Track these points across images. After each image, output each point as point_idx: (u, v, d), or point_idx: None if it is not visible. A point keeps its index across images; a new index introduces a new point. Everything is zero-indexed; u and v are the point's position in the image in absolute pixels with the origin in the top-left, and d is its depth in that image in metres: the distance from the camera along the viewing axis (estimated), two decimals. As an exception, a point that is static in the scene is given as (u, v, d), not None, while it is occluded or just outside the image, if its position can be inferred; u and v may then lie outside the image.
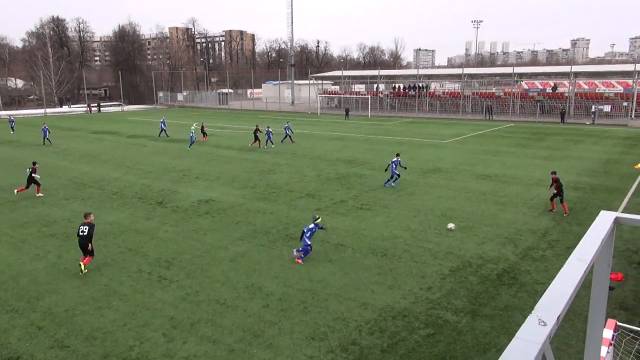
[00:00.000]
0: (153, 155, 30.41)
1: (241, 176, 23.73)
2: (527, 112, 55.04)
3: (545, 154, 29.42)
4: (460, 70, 64.60)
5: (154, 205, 18.61)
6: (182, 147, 33.98)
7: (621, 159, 27.19)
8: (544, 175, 23.15)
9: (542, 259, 12.88)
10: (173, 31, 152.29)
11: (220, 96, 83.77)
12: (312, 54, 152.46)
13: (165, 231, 15.46)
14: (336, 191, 20.43)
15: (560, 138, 36.30)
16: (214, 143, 35.89)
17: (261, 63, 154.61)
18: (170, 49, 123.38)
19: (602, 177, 22.77)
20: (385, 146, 33.28)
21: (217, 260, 13.00)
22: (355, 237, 14.62)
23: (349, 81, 75.69)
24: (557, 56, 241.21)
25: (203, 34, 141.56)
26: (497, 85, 76.58)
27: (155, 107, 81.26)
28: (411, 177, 23.13)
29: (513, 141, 34.70)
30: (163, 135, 39.37)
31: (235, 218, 16.73)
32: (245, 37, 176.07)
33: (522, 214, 16.93)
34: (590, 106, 50.45)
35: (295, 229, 15.40)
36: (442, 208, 17.67)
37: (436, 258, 12.96)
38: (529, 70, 72.87)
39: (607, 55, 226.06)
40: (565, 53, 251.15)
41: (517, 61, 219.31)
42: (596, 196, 19.25)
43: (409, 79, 72.43)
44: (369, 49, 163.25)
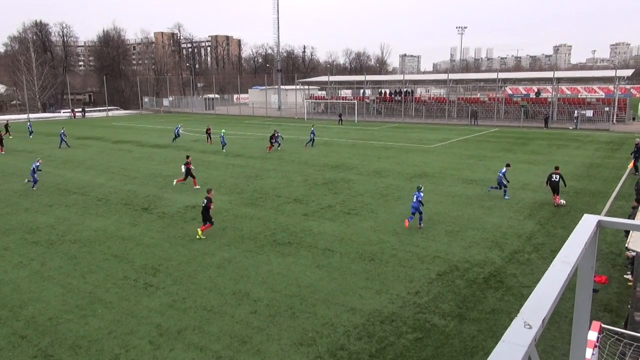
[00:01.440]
0: (139, 161, 30.15)
1: (228, 181, 23.62)
2: (511, 117, 55.71)
3: (529, 158, 29.79)
4: (446, 76, 65.25)
5: (139, 211, 18.43)
6: (169, 152, 33.77)
7: (604, 163, 27.65)
8: (529, 179, 23.44)
9: (527, 262, 13.03)
10: (158, 36, 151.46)
11: (207, 101, 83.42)
12: (298, 59, 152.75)
13: (151, 237, 15.32)
14: (324, 196, 20.44)
15: (544, 143, 36.80)
16: (200, 148, 35.71)
17: (247, 68, 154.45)
18: (155, 54, 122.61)
19: (586, 181, 23.13)
20: (372, 151, 33.42)
21: (204, 266, 12.91)
22: (343, 242, 14.63)
23: (336, 86, 75.95)
24: (540, 62, 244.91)
25: (189, 39, 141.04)
26: (481, 90, 77.46)
27: (141, 113, 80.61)
28: (398, 181, 23.25)
29: (498, 146, 35.10)
30: (175, 140, 39.70)
31: (222, 224, 16.64)
32: (232, 42, 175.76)
33: (508, 217, 17.11)
34: (573, 111, 51.25)
35: (283, 234, 15.37)
36: (429, 212, 17.77)
37: (423, 262, 13.03)
38: (513, 76, 73.88)
39: (589, 61, 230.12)
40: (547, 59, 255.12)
41: (501, 67, 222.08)
42: (580, 200, 19.54)
43: (395, 84, 72.94)
44: (355, 55, 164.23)
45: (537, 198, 19.80)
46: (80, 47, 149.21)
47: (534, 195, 20.35)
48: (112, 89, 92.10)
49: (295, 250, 14.04)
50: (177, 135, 39.81)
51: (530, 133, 43.79)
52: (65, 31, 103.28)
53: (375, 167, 27.17)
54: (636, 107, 57.82)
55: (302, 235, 15.37)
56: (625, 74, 54.90)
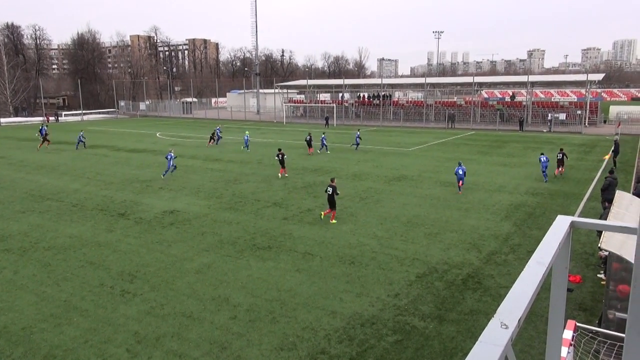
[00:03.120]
0: (115, 166, 29.66)
1: (206, 186, 23.42)
2: (487, 120, 56.64)
3: (505, 160, 30.31)
4: (423, 80, 66.01)
5: (116, 217, 18.13)
6: (145, 157, 33.31)
7: (577, 165, 28.31)
8: (505, 181, 23.84)
9: (504, 263, 13.23)
10: (134, 39, 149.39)
11: (184, 105, 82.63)
12: (277, 63, 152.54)
13: (128, 243, 15.08)
14: (303, 200, 20.43)
15: (520, 145, 37.49)
16: (178, 153, 35.28)
17: (225, 72, 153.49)
18: (131, 57, 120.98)
19: (560, 182, 23.64)
20: (351, 154, 33.54)
21: (183, 272, 12.76)
22: (322, 246, 14.64)
23: (314, 90, 76.08)
24: (514, 66, 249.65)
25: (166, 42, 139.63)
26: (458, 94, 78.59)
27: (117, 117, 79.36)
28: (377, 184, 23.38)
29: (474, 149, 35.61)
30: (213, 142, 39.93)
31: (201, 229, 16.48)
32: (209, 45, 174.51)
33: (485, 219, 17.36)
34: (547, 114, 52.38)
35: (262, 239, 15.30)
36: (408, 215, 17.92)
37: (403, 265, 13.12)
38: (489, 80, 75.11)
39: (561, 66, 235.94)
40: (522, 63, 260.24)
41: (477, 71, 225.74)
42: (554, 201, 19.96)
43: (373, 88, 73.42)
44: (333, 59, 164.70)
45: (513, 200, 20.15)
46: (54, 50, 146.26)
47: (510, 197, 20.70)
48: (87, 92, 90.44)
49: (275, 254, 13.99)
50: (219, 137, 40.61)
51: (506, 136, 44.57)
52: (38, 34, 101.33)
53: (354, 170, 27.28)
54: (607, 111, 59.39)
55: (282, 239, 15.32)
56: (596, 78, 56.43)
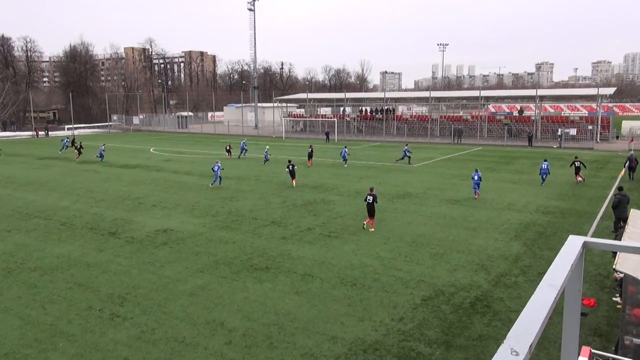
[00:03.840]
0: (106, 182, 29.69)
1: (202, 203, 23.41)
2: (494, 135, 56.87)
3: (514, 177, 30.33)
4: (428, 93, 66.45)
5: (106, 236, 18.08)
6: (138, 173, 33.37)
7: (589, 182, 28.31)
8: (514, 199, 23.82)
9: (514, 285, 13.14)
10: (129, 51, 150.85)
11: (180, 119, 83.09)
12: (276, 75, 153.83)
13: (118, 264, 15.01)
14: (303, 218, 20.39)
15: (529, 162, 37.56)
16: (172, 169, 35.40)
17: (223, 85, 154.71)
18: (125, 69, 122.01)
19: (571, 200, 23.62)
20: (353, 171, 33.59)
21: (176, 294, 12.67)
22: (323, 267, 14.56)
23: (315, 104, 76.59)
24: (522, 80, 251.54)
25: (161, 54, 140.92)
26: (464, 108, 79.05)
27: (109, 131, 79.71)
28: (380, 202, 23.33)
29: (482, 165, 35.66)
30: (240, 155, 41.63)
31: (195, 248, 16.42)
32: (206, 58, 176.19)
33: (494, 239, 17.30)
34: (557, 130, 52.61)
35: (260, 259, 15.22)
36: (413, 234, 17.86)
37: (407, 287, 13.03)
38: (496, 94, 75.73)
39: (571, 79, 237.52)
40: (530, 77, 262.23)
41: (483, 84, 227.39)
42: (566, 220, 19.91)
43: (376, 101, 73.93)
44: (334, 72, 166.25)
45: (523, 219, 20.11)
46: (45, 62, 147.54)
47: (520, 215, 20.66)
48: (79, 106, 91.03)
49: (273, 275, 13.91)
50: (244, 149, 41.83)
51: (515, 152, 44.69)
52: (30, 45, 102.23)
53: (356, 187, 27.29)
54: (619, 126, 59.66)
55: (280, 259, 15.25)
56: (608, 92, 56.83)
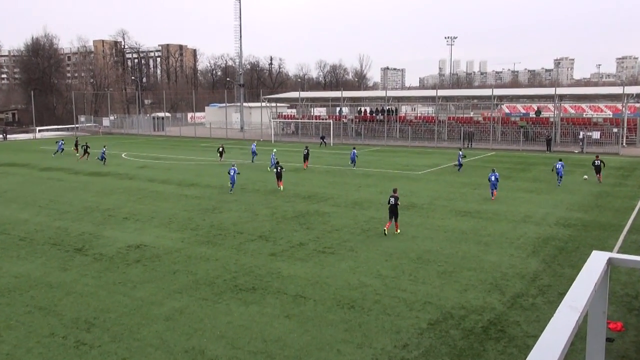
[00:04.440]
0: (72, 192, 29.57)
1: (180, 216, 23.34)
2: (509, 139, 57.16)
3: (531, 186, 30.46)
4: (434, 92, 66.79)
5: (71, 252, 17.97)
6: (108, 181, 33.25)
7: (614, 192, 28.48)
8: (531, 210, 23.90)
9: (532, 307, 13.15)
10: (98, 45, 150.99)
11: (156, 121, 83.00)
12: (264, 72, 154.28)
13: (85, 284, 14.90)
14: (294, 232, 20.37)
15: (547, 168, 37.70)
16: (147, 176, 35.30)
17: (204, 83, 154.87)
18: (94, 65, 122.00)
19: (595, 212, 23.73)
20: (351, 179, 33.63)
21: (150, 318, 12.58)
22: (317, 287, 14.53)
23: (308, 104, 76.75)
24: (539, 77, 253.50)
25: (135, 48, 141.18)
26: (475, 109, 79.44)
27: (76, 134, 79.50)
28: (381, 214, 23.37)
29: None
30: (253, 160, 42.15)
31: (173, 266, 16.34)
32: (186, 52, 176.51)
33: (509, 255, 17.33)
34: (578, 132, 52.94)
35: (245, 279, 15.17)
36: (418, 250, 17.87)
37: (412, 309, 13.01)
38: (510, 93, 76.22)
39: (594, 77, 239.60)
40: (548, 74, 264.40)
41: (496, 82, 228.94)
42: (589, 234, 19.99)
43: (377, 101, 74.18)
44: (330, 68, 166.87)
45: (541, 232, 20.18)
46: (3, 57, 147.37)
47: (538, 229, 20.73)
48: (42, 106, 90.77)
49: (261, 297, 13.86)
50: (254, 153, 42.94)
51: (531, 157, 44.93)
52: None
53: (355, 197, 27.30)
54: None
55: (269, 279, 15.21)
56: (635, 91, 57.24)
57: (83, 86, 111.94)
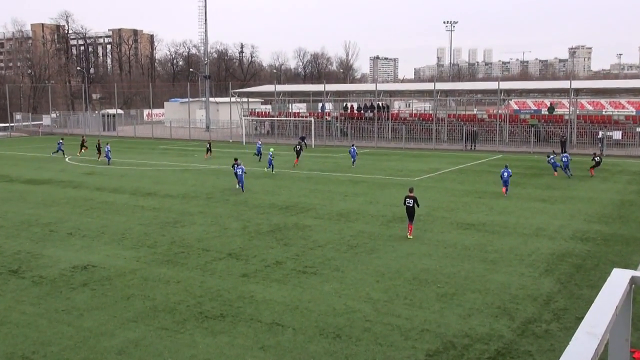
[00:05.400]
0: (6, 203, 29.21)
1: (135, 230, 23.17)
2: (518, 139, 57.73)
3: (543, 194, 30.76)
4: (432, 85, 67.16)
5: (5, 275, 17.74)
6: (49, 190, 32.89)
7: (639, 200, 28.90)
8: (544, 222, 24.13)
9: (546, 335, 13.26)
10: (37, 29, 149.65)
11: (106, 119, 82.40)
12: (234, 62, 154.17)
13: (22, 312, 14.71)
14: (269, 249, 20.32)
15: (562, 174, 38.14)
16: (95, 184, 34.98)
17: (163, 74, 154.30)
18: (33, 53, 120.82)
19: (617, 223, 24.06)
20: (335, 186, 33.66)
21: (100, 352, 12.46)
22: (296, 313, 14.50)
23: (285, 99, 76.84)
24: (552, 68, 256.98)
25: (81, 33, 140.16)
26: (479, 105, 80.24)
27: (10, 135, 78.52)
28: (370, 227, 23.43)
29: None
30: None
31: (126, 291, 16.20)
32: (141, 38, 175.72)
33: (519, 274, 17.46)
34: (597, 132, 53.65)
35: (212, 304, 15.08)
36: (414, 269, 17.92)
37: (408, 339, 13.04)
38: (519, 86, 76.98)
39: (614, 68, 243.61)
40: (562, 64, 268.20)
41: (503, 74, 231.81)
42: (610, 249, 20.25)
43: (365, 96, 74.66)
44: (310, 57, 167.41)
45: (556, 247, 20.38)
46: None
47: (552, 243, 20.93)
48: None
49: (231, 325, 13.80)
50: (259, 152, 45.21)
51: (544, 161, 45.31)
52: None
53: (340, 208, 27.35)
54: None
55: (240, 304, 15.14)
56: (660, 85, 58.33)
57: (19, 78, 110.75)
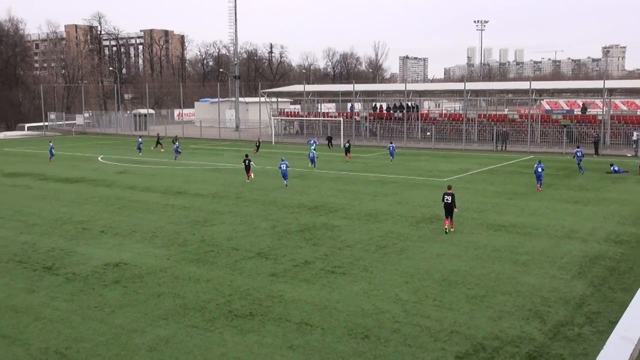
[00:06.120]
0: (40, 201, 29.74)
1: (165, 229, 23.42)
2: (550, 140, 57.02)
3: (576, 195, 30.33)
4: (462, 85, 66.74)
5: (40, 271, 18.06)
6: (82, 189, 33.41)
7: (674, 202, 28.31)
8: (577, 224, 23.79)
9: (578, 338, 13.08)
10: (71, 30, 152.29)
11: (137, 119, 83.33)
12: (263, 62, 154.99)
13: (56, 309, 14.96)
14: (298, 249, 20.38)
15: (595, 175, 37.57)
16: (127, 183, 35.44)
17: (194, 74, 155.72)
18: (66, 54, 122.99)
19: (651, 226, 23.61)
20: (364, 186, 33.60)
21: (131, 349, 12.62)
22: (325, 313, 14.52)
23: (314, 99, 76.92)
24: (585, 68, 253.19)
25: (113, 34, 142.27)
26: (510, 105, 79.41)
27: (45, 134, 79.99)
28: (400, 228, 23.34)
29: (534, 179, 35.65)
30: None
31: (157, 288, 16.38)
32: (172, 39, 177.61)
33: (550, 277, 17.26)
34: (631, 133, 52.69)
35: (242, 303, 15.18)
36: (443, 270, 17.82)
37: (437, 340, 12.98)
38: (551, 86, 75.97)
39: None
40: (595, 64, 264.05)
41: (535, 74, 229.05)
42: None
43: (394, 96, 74.32)
44: (339, 57, 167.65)
45: (589, 250, 20.08)
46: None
47: (584, 246, 20.64)
48: (6, 101, 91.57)
49: (260, 324, 13.86)
50: (313, 146, 46.13)
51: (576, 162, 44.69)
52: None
53: (369, 208, 27.30)
54: None
55: (269, 303, 15.21)
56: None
57: (53, 78, 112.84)
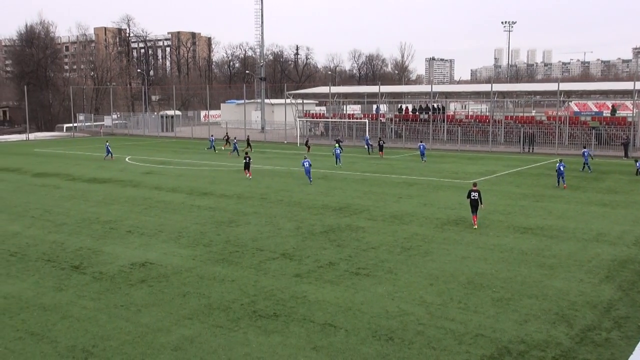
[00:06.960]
0: (68, 201, 30.15)
1: (191, 229, 23.58)
2: (578, 142, 56.26)
3: (605, 198, 29.90)
4: (489, 87, 66.16)
5: (68, 270, 18.30)
6: (110, 189, 33.81)
7: None
8: (605, 227, 23.45)
9: (606, 343, 12.89)
10: (100, 33, 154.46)
11: (164, 120, 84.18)
12: (289, 64, 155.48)
13: (83, 307, 15.14)
14: (323, 250, 20.38)
15: (625, 177, 36.99)
16: (153, 184, 35.78)
17: (220, 76, 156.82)
18: (95, 56, 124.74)
19: (683, 229, 23.17)
20: (389, 187, 33.49)
21: (156, 348, 12.72)
22: (349, 314, 14.49)
23: (340, 100, 76.93)
24: (615, 69, 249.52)
25: (141, 36, 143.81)
26: (537, 106, 78.61)
27: (74, 135, 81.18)
28: (425, 230, 23.21)
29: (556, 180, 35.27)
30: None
31: (182, 288, 16.50)
32: (199, 41, 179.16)
33: (578, 280, 17.04)
34: (663, 135, 51.88)
35: (266, 303, 15.22)
36: (469, 273, 17.69)
37: (462, 343, 12.88)
38: (580, 87, 75.03)
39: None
40: (626, 65, 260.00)
41: (563, 75, 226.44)
42: (676, 256, 19.52)
43: (420, 97, 74.01)
44: (365, 58, 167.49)
45: (617, 253, 19.79)
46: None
47: (613, 249, 20.33)
48: (36, 102, 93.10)
49: (284, 325, 13.89)
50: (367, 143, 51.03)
51: (605, 164, 44.09)
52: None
53: (394, 210, 27.22)
54: None
55: (293, 304, 15.23)
56: None
57: (82, 80, 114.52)
